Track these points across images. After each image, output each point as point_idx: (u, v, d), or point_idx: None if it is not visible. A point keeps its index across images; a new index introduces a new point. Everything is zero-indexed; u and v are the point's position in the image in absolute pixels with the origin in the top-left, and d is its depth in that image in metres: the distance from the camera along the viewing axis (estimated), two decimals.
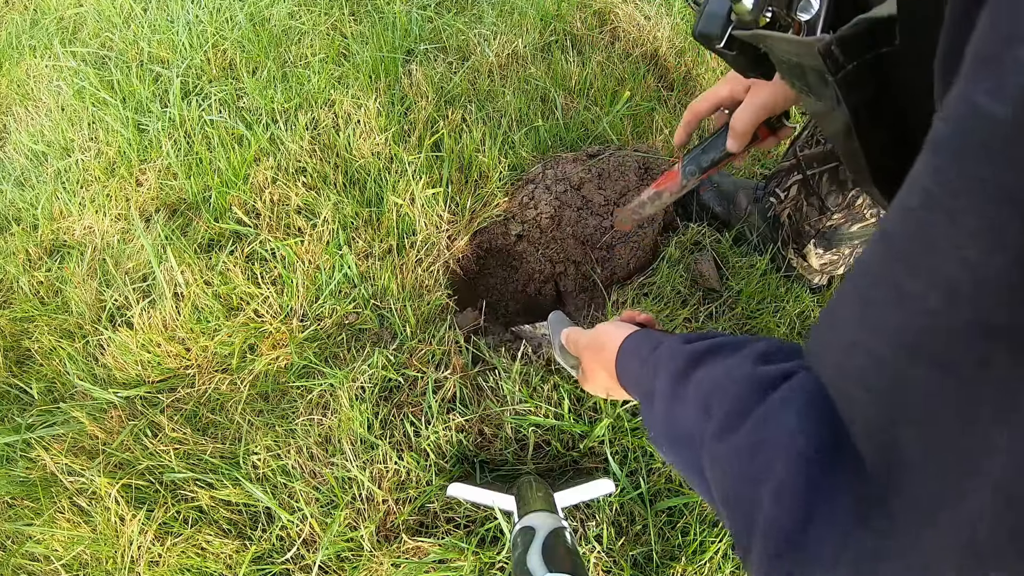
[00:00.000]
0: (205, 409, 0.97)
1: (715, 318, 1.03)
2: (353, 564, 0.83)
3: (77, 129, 1.33)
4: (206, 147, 1.23)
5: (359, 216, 1.11)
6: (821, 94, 0.43)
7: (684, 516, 0.87)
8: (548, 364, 0.99)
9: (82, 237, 1.18)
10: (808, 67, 0.42)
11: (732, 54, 0.60)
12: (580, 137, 1.26)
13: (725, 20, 0.60)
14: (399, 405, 0.92)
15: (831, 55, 0.38)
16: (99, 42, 1.51)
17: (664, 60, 1.42)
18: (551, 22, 1.45)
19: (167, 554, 0.85)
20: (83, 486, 0.90)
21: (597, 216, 1.11)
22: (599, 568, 0.83)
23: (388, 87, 1.30)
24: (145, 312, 1.02)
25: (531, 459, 0.90)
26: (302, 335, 0.99)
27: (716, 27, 0.60)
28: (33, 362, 1.06)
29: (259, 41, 1.40)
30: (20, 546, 0.90)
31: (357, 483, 0.86)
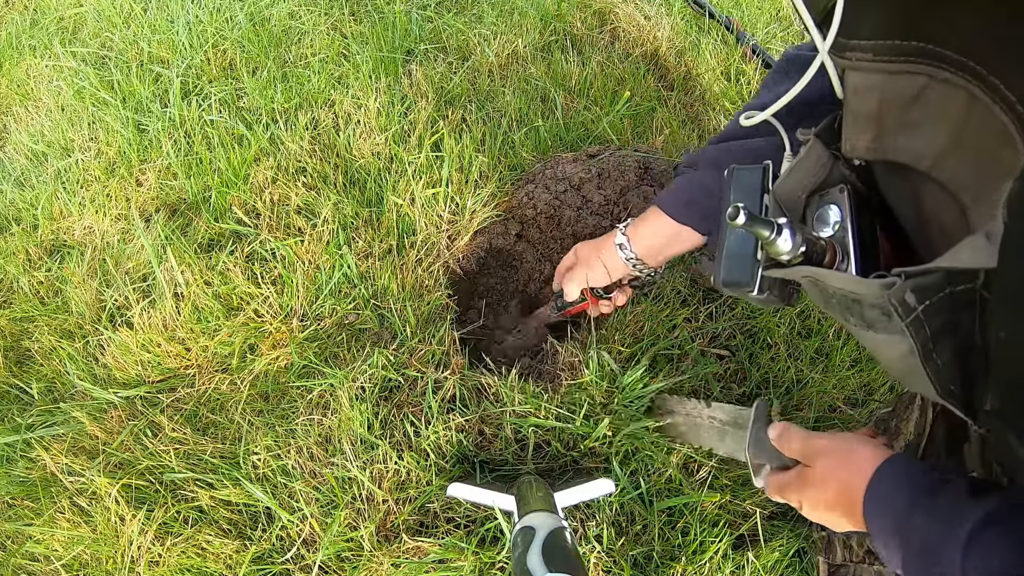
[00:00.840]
0: (205, 409, 0.97)
1: (715, 318, 1.03)
2: (353, 564, 0.83)
3: (77, 129, 1.33)
4: (206, 147, 1.23)
5: (359, 216, 1.11)
6: (880, 327, 0.41)
7: (684, 516, 0.87)
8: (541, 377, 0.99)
9: (82, 237, 1.18)
10: (868, 304, 0.40)
11: (763, 297, 0.55)
12: (580, 137, 1.26)
13: (751, 261, 0.54)
14: (399, 405, 0.92)
15: (904, 303, 0.37)
16: (99, 42, 1.51)
17: (664, 60, 1.42)
18: (551, 22, 1.45)
19: (167, 554, 0.85)
20: (83, 486, 0.90)
21: (597, 216, 1.11)
22: (599, 568, 0.83)
23: (388, 87, 1.30)
24: (145, 312, 1.02)
25: (531, 459, 0.90)
26: (302, 335, 0.99)
27: (745, 272, 0.54)
28: (33, 362, 1.06)
29: (259, 41, 1.40)
30: (20, 546, 0.90)
31: (357, 483, 0.86)
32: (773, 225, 0.44)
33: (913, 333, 0.38)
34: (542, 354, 1.03)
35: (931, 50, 0.36)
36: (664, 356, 0.98)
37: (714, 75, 1.41)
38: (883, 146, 0.43)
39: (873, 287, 0.38)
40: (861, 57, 0.41)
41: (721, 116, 1.34)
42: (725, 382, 0.99)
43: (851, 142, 0.45)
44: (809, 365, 1.02)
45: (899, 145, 0.42)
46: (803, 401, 0.99)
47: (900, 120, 0.41)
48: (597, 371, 0.93)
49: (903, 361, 0.41)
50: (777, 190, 0.52)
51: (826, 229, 0.48)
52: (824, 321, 1.07)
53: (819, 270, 0.44)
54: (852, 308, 0.42)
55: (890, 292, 0.37)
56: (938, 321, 0.38)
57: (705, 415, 0.86)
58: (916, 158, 0.41)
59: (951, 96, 0.37)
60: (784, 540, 0.86)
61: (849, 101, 0.44)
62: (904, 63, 0.38)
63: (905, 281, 0.36)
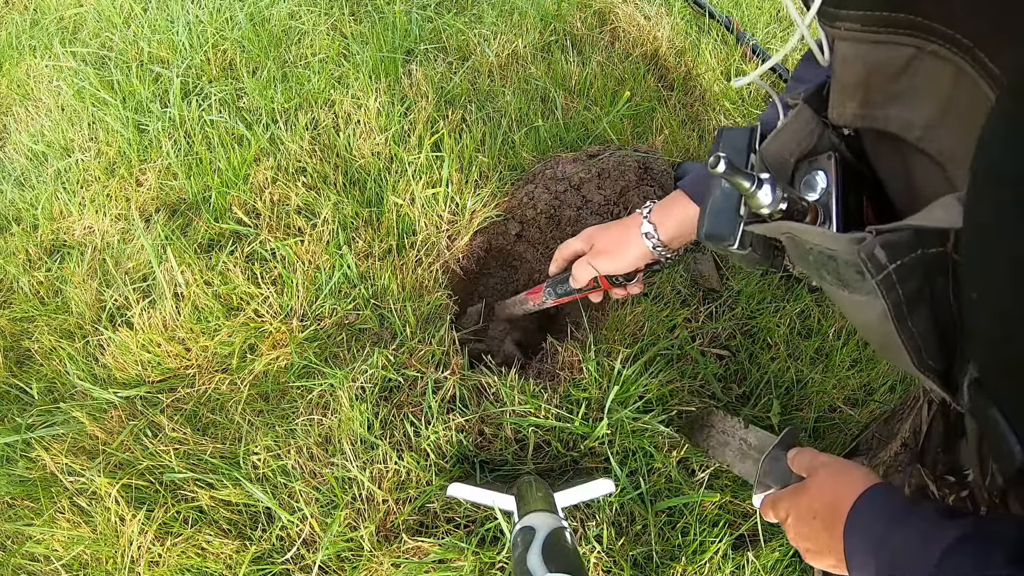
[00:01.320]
0: (205, 409, 0.97)
1: (715, 318, 1.03)
2: (353, 564, 0.83)
3: (77, 129, 1.33)
4: (206, 147, 1.23)
5: (359, 216, 1.11)
6: (855, 287, 0.41)
7: (684, 516, 0.87)
8: (540, 375, 0.99)
9: (82, 237, 1.18)
10: (843, 261, 0.40)
11: (744, 252, 0.55)
12: (580, 137, 1.26)
13: (734, 216, 0.54)
14: (399, 405, 0.92)
15: (873, 258, 0.37)
16: (99, 42, 1.51)
17: (664, 60, 1.42)
18: (551, 22, 1.45)
19: (167, 554, 0.85)
20: (83, 486, 0.90)
21: (597, 216, 1.11)
22: (599, 568, 0.83)
23: (388, 87, 1.30)
24: (145, 312, 1.02)
25: (531, 459, 0.90)
26: (302, 335, 0.99)
27: (726, 226, 0.54)
28: (33, 362, 1.06)
29: (259, 41, 1.40)
30: (20, 546, 0.90)
31: (357, 483, 0.86)
32: (753, 178, 0.44)
33: (884, 292, 0.38)
34: (541, 353, 1.03)
35: (919, 22, 0.37)
36: (664, 356, 0.98)
37: (714, 75, 1.41)
38: (871, 114, 0.43)
39: (845, 241, 0.39)
40: (850, 27, 0.41)
41: (721, 116, 1.34)
42: (725, 382, 0.99)
43: (838, 109, 0.45)
44: (809, 365, 1.02)
45: (888, 114, 0.42)
46: (803, 401, 0.99)
47: (888, 90, 0.41)
48: (596, 371, 0.93)
49: (879, 326, 0.41)
50: (764, 150, 0.53)
51: (812, 194, 0.49)
52: (824, 321, 1.07)
53: (797, 225, 0.45)
54: (827, 265, 0.42)
55: (860, 246, 0.37)
56: (911, 285, 0.38)
57: (738, 436, 0.87)
58: (905, 128, 0.41)
59: (939, 68, 0.37)
60: (784, 540, 0.86)
61: (836, 70, 0.45)
62: (892, 34, 0.38)
63: (875, 237, 0.37)
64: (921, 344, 0.41)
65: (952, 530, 0.43)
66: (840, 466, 0.60)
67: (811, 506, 0.59)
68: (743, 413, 0.96)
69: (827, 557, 0.56)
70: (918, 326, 0.40)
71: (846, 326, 1.06)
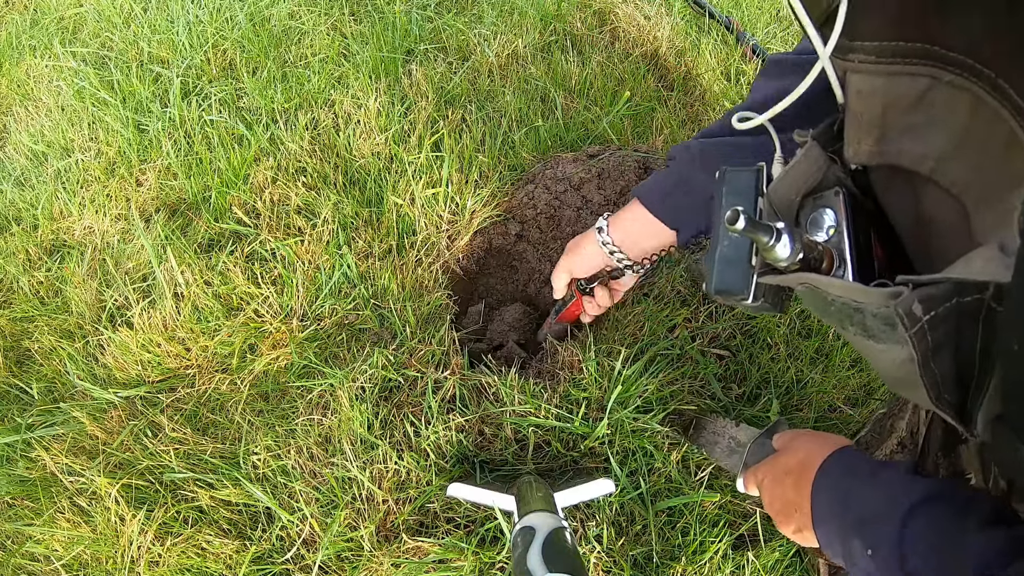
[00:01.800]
0: (205, 409, 0.97)
1: (715, 318, 1.03)
2: (353, 564, 0.83)
3: (77, 129, 1.33)
4: (206, 147, 1.23)
5: (359, 216, 1.11)
6: (881, 338, 0.39)
7: (684, 516, 0.87)
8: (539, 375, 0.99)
9: (82, 237, 1.18)
10: (871, 313, 0.39)
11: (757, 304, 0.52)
12: (580, 137, 1.26)
13: (746, 267, 0.51)
14: (399, 405, 0.92)
15: (910, 313, 0.35)
16: (99, 42, 1.51)
17: (664, 60, 1.42)
18: (551, 22, 1.45)
19: (167, 554, 0.85)
20: (83, 486, 0.90)
21: (597, 216, 1.11)
22: (599, 568, 0.83)
23: (388, 87, 1.30)
24: (145, 312, 1.02)
25: (531, 459, 0.90)
26: (302, 335, 0.99)
27: (739, 280, 0.51)
28: (33, 362, 1.06)
29: (259, 41, 1.40)
30: (20, 546, 0.90)
31: (357, 483, 0.86)
32: (772, 230, 0.42)
33: (915, 344, 0.37)
34: (542, 353, 1.03)
35: (935, 51, 0.36)
36: (664, 356, 0.98)
37: (714, 75, 1.41)
38: (886, 150, 0.42)
39: (878, 296, 0.37)
40: (864, 59, 0.40)
41: (720, 116, 1.34)
42: (725, 382, 0.99)
43: (854, 147, 0.44)
44: (809, 365, 1.02)
45: (902, 148, 0.41)
46: (803, 401, 0.99)
47: (903, 123, 0.40)
48: (596, 370, 0.93)
49: (900, 369, 0.41)
50: (772, 193, 0.50)
51: (820, 233, 0.46)
52: (824, 321, 1.07)
53: (819, 277, 0.43)
54: (852, 317, 0.41)
55: (897, 302, 0.35)
56: (941, 331, 0.37)
57: (727, 434, 0.88)
58: (918, 161, 0.40)
59: (956, 99, 0.36)
60: (784, 540, 0.86)
61: (851, 104, 0.43)
62: (907, 65, 0.37)
63: (913, 291, 0.35)
64: (940, 383, 0.40)
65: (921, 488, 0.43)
66: (816, 434, 0.62)
67: (786, 465, 0.60)
68: (743, 413, 0.95)
69: (793, 517, 0.56)
70: (940, 367, 0.39)
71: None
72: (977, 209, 0.37)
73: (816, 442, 0.59)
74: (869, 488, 0.47)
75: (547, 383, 0.95)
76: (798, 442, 0.62)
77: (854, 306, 0.40)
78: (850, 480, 0.50)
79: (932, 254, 0.44)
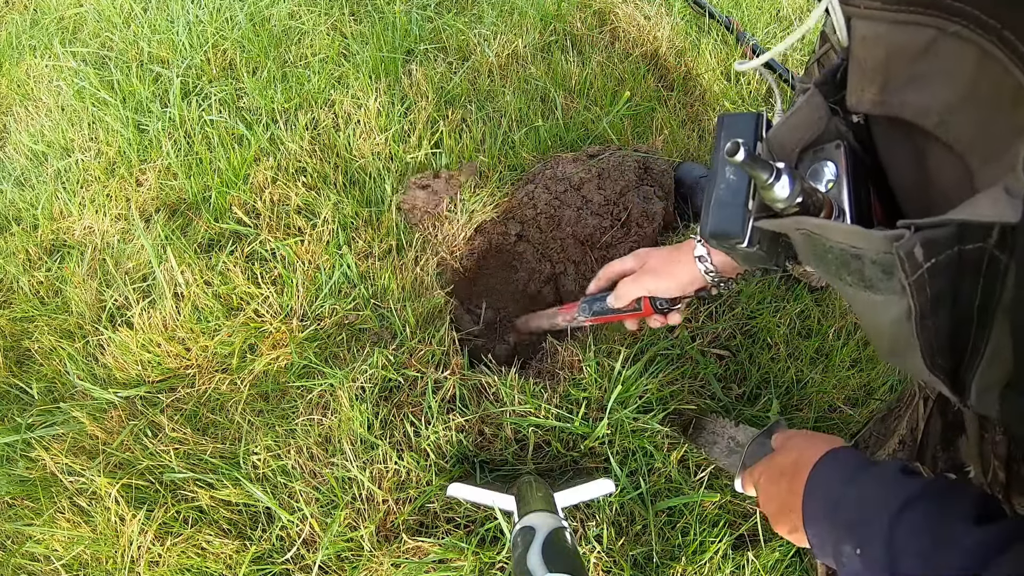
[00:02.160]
0: (205, 409, 0.97)
1: (715, 318, 1.03)
2: (353, 564, 0.83)
3: (77, 129, 1.33)
4: (206, 147, 1.23)
5: (359, 216, 1.11)
6: (878, 287, 0.38)
7: (684, 516, 0.87)
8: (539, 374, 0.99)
9: (82, 237, 1.18)
10: (869, 260, 0.37)
11: (751, 250, 0.51)
12: (580, 137, 1.26)
13: (742, 210, 0.50)
14: (399, 405, 0.92)
15: (911, 257, 0.34)
16: (99, 42, 1.51)
17: (664, 60, 1.42)
18: (551, 22, 1.45)
19: (167, 554, 0.85)
20: (83, 486, 0.90)
21: (597, 216, 1.11)
22: (599, 568, 0.83)
23: (388, 87, 1.30)
24: (145, 312, 1.02)
25: (531, 459, 0.90)
26: (302, 335, 0.99)
27: (734, 222, 0.50)
28: (33, 362, 1.06)
29: (259, 41, 1.40)
30: (20, 546, 0.90)
31: (357, 483, 0.86)
32: (772, 168, 0.40)
33: (914, 292, 0.36)
34: (541, 353, 1.03)
35: (942, 2, 0.35)
36: (664, 356, 0.98)
37: (714, 75, 1.41)
38: (889, 100, 0.41)
39: (879, 240, 0.35)
40: (869, 5, 0.39)
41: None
42: (725, 382, 0.99)
43: (856, 95, 0.43)
44: (809, 365, 1.02)
45: (905, 99, 0.40)
46: (803, 401, 0.99)
47: (907, 73, 0.39)
48: (596, 370, 0.93)
49: (895, 327, 0.39)
50: (771, 139, 0.49)
51: (819, 186, 0.46)
52: (824, 321, 1.07)
53: (818, 220, 0.42)
54: (850, 264, 0.39)
55: (899, 244, 0.34)
56: (940, 283, 0.36)
57: (727, 434, 0.88)
58: (922, 114, 0.39)
59: (962, 51, 0.35)
60: (784, 540, 0.86)
61: (855, 51, 0.42)
62: (913, 13, 0.37)
63: (915, 233, 0.34)
64: (935, 344, 0.39)
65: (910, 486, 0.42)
66: (812, 434, 0.61)
67: (781, 465, 0.59)
68: (743, 413, 0.95)
69: (788, 517, 0.56)
70: (937, 324, 0.38)
71: (846, 326, 1.06)
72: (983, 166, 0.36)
73: (811, 442, 0.58)
74: (859, 488, 0.47)
75: (547, 383, 0.95)
76: (793, 442, 0.62)
77: (852, 252, 0.39)
78: (841, 480, 0.50)
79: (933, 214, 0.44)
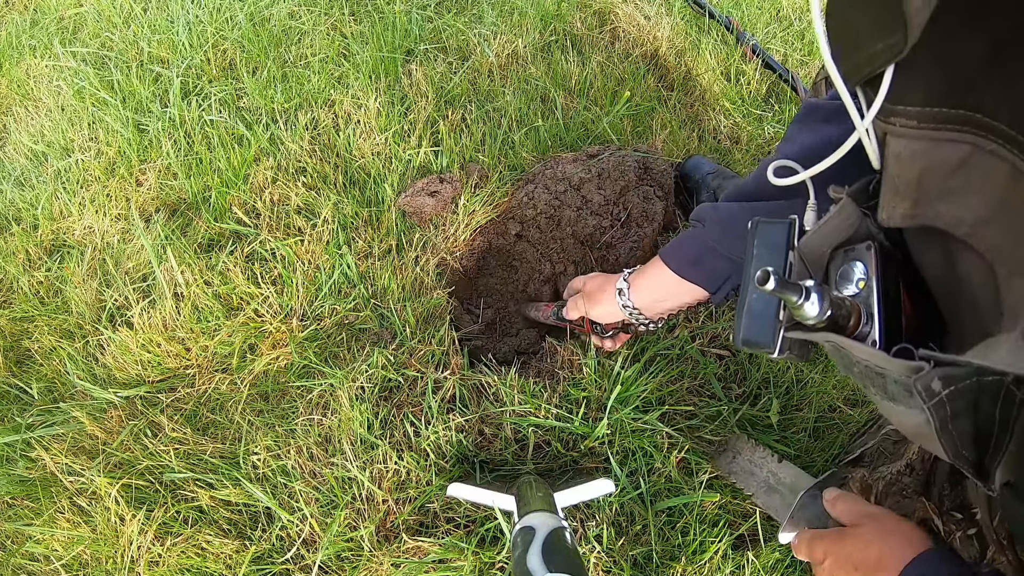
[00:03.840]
0: (205, 409, 0.97)
1: (715, 318, 1.03)
2: (353, 564, 0.83)
3: (77, 129, 1.33)
4: (206, 147, 1.23)
5: (359, 216, 1.11)
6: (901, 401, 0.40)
7: (684, 516, 0.87)
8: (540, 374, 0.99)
9: (82, 237, 1.18)
10: (892, 379, 0.39)
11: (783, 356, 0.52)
12: (580, 137, 1.26)
13: (773, 321, 0.51)
14: (399, 405, 0.92)
15: (929, 389, 0.36)
16: (99, 42, 1.51)
17: (664, 60, 1.42)
18: (551, 22, 1.45)
19: (167, 554, 0.85)
20: (83, 486, 0.90)
21: (597, 216, 1.11)
22: (599, 568, 0.83)
23: (388, 87, 1.30)
24: (145, 312, 1.02)
25: (531, 459, 0.90)
26: (302, 335, 0.99)
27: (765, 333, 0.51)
28: (33, 362, 1.06)
29: (259, 41, 1.40)
30: (20, 546, 0.90)
31: (357, 483, 0.86)
32: (802, 290, 0.42)
33: (933, 413, 0.38)
34: (541, 353, 1.03)
35: (979, 119, 0.36)
36: (664, 356, 0.98)
37: (714, 75, 1.41)
38: (921, 213, 0.42)
39: (899, 368, 0.37)
40: (905, 124, 0.39)
41: (721, 116, 1.34)
42: (725, 382, 0.99)
43: (888, 210, 0.44)
44: (809, 365, 1.02)
45: (937, 211, 0.41)
46: (803, 401, 0.99)
47: (940, 187, 0.40)
48: (596, 370, 0.93)
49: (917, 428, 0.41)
50: (802, 247, 0.50)
51: (849, 287, 0.47)
52: None
53: (844, 340, 0.43)
54: (875, 380, 0.41)
55: (917, 378, 0.36)
56: (960, 403, 0.38)
57: (767, 468, 0.86)
58: (954, 224, 0.40)
59: (995, 167, 0.36)
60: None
61: (889, 168, 0.42)
62: (950, 131, 0.37)
63: (933, 369, 0.36)
64: (958, 443, 0.41)
65: None
66: (890, 523, 0.58)
67: (853, 556, 0.57)
68: (743, 413, 0.95)
69: None
70: (958, 430, 0.40)
71: None
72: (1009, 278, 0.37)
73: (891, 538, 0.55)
74: None
75: (547, 383, 0.95)
76: (868, 529, 0.59)
77: (877, 371, 0.40)
78: None
79: (962, 315, 0.45)
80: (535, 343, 1.09)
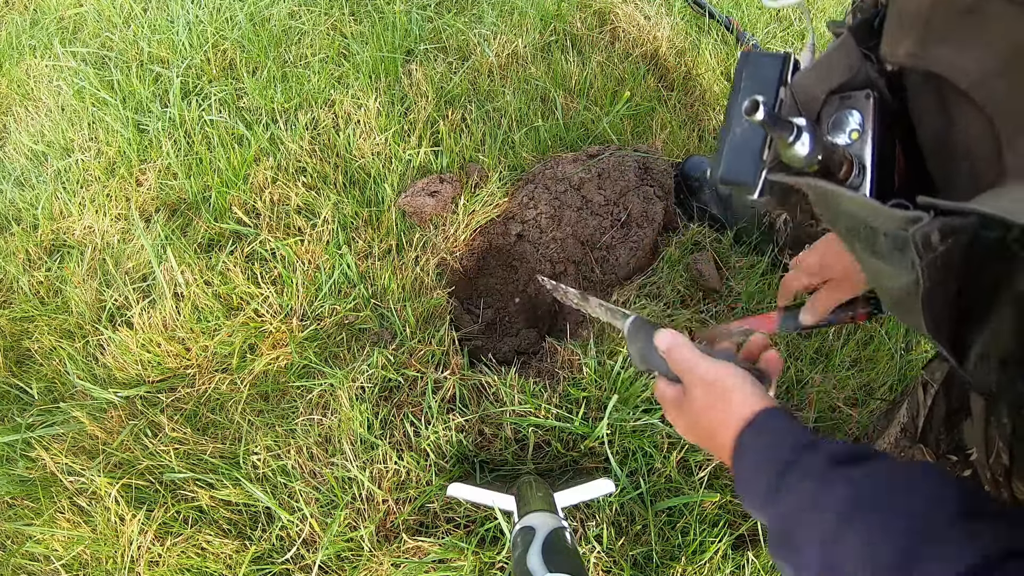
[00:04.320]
0: (205, 409, 0.97)
1: (715, 318, 1.03)
2: (353, 564, 0.83)
3: (77, 129, 1.33)
4: (206, 147, 1.23)
5: (359, 216, 1.11)
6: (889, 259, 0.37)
7: (684, 516, 0.87)
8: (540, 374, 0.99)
9: (82, 237, 1.18)
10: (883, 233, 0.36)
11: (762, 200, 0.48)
12: (580, 137, 1.26)
13: (757, 158, 0.47)
14: (399, 405, 0.92)
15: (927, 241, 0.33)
16: (99, 42, 1.51)
17: (664, 60, 1.42)
18: (551, 22, 1.45)
19: (167, 554, 0.85)
20: (83, 486, 0.90)
21: (597, 216, 1.11)
22: (599, 568, 0.83)
23: (388, 87, 1.30)
24: (145, 312, 1.02)
25: (531, 459, 0.90)
26: (302, 335, 0.99)
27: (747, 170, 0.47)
28: (33, 362, 1.06)
29: (259, 41, 1.40)
30: (20, 546, 0.90)
31: (357, 483, 0.86)
32: (793, 127, 0.38)
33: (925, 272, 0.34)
34: (540, 352, 1.03)
35: None
36: None
37: (714, 75, 1.41)
38: (925, 54, 0.38)
39: (895, 218, 0.34)
40: None
41: (721, 116, 1.34)
42: None
43: (891, 45, 0.40)
44: (809, 365, 1.02)
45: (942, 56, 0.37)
46: (803, 401, 0.99)
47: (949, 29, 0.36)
48: (596, 370, 0.93)
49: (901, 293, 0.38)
50: (796, 84, 0.46)
51: (841, 136, 0.43)
52: None
53: (834, 187, 0.39)
54: (861, 233, 0.37)
55: (916, 228, 0.32)
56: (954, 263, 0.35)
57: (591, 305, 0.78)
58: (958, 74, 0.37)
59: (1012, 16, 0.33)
60: None
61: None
62: None
63: (934, 219, 0.32)
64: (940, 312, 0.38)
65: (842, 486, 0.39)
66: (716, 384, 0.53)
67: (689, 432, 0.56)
68: None
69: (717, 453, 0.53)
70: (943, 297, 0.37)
71: (846, 326, 1.06)
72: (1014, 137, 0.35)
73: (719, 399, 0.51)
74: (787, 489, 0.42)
75: (547, 383, 0.95)
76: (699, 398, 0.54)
77: (869, 224, 0.37)
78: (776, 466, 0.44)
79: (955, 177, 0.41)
80: (535, 343, 1.09)
